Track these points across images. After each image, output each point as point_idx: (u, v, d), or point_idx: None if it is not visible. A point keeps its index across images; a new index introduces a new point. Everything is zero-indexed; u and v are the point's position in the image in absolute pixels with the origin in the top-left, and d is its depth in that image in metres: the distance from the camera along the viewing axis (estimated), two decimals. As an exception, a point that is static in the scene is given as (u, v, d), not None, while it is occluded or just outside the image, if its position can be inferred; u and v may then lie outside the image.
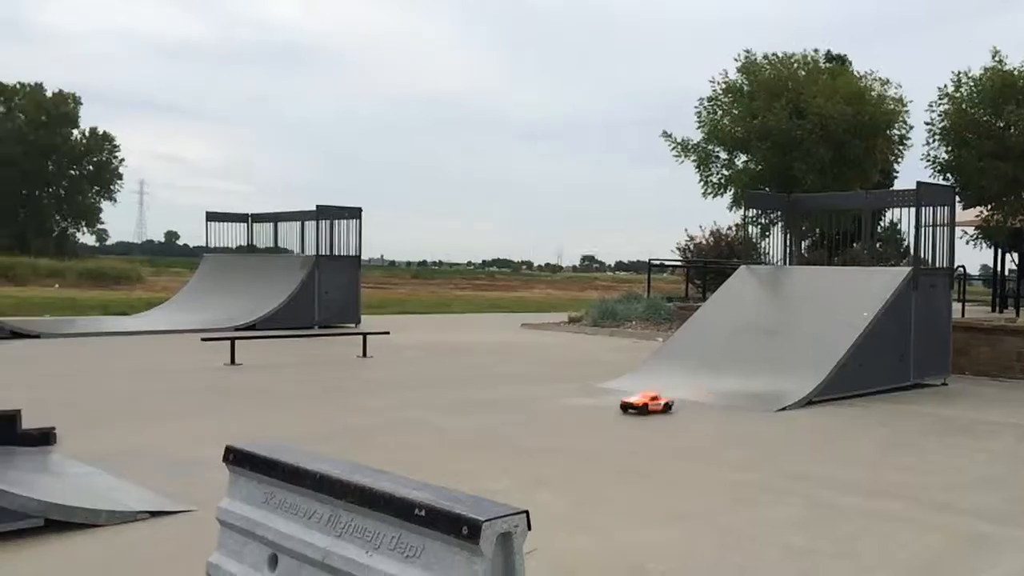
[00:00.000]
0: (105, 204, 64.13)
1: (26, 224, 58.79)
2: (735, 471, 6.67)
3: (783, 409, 9.57)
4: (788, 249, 14.30)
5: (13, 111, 59.52)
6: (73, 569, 4.26)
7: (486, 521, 2.10)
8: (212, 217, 22.56)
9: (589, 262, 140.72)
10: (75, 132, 61.25)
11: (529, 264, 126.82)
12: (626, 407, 8.96)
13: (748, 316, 12.18)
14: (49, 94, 60.45)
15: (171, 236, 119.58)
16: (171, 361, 12.83)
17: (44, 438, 6.65)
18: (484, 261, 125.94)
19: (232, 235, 22.74)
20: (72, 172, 61.34)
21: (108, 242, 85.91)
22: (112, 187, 63.78)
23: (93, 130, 62.20)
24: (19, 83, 60.19)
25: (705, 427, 8.60)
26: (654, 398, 9.04)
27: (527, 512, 2.21)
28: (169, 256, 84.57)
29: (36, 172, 58.85)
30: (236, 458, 2.87)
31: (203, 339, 13.19)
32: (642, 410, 8.87)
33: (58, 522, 4.71)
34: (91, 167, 62.10)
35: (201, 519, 4.99)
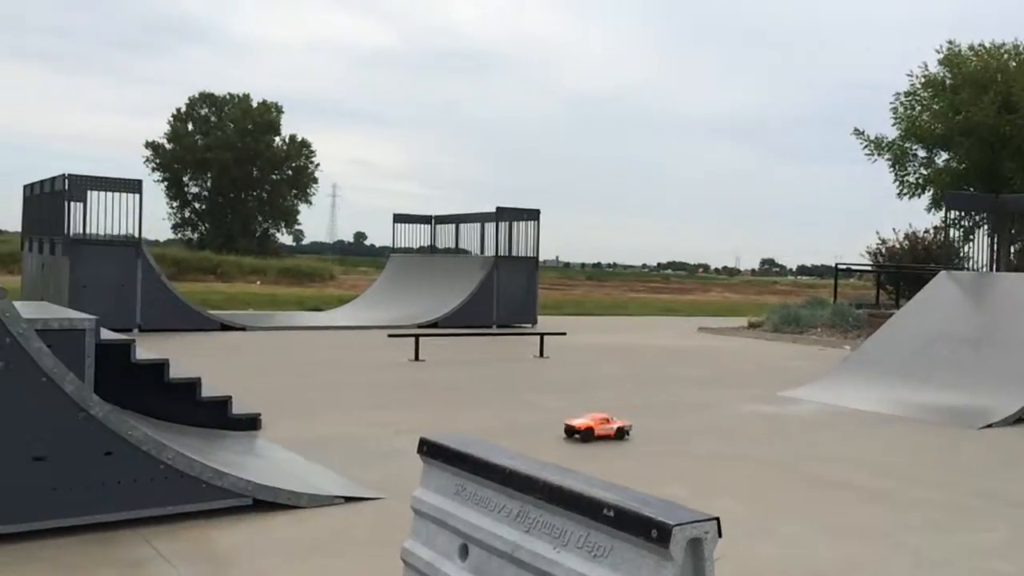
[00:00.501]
0: (302, 206, 68.42)
1: (233, 225, 63.65)
2: (931, 490, 6.26)
3: (988, 426, 8.88)
4: (995, 254, 13.25)
5: (224, 120, 64.62)
6: (278, 545, 4.59)
7: (676, 526, 2.10)
8: (399, 219, 23.58)
9: (769, 265, 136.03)
10: (277, 139, 65.70)
11: (706, 267, 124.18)
12: (570, 431, 7.50)
13: (948, 326, 11.39)
14: (255, 104, 65.18)
15: (359, 236, 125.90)
16: (360, 355, 13.52)
17: (251, 423, 7.20)
18: (659, 264, 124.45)
19: (416, 236, 23.69)
20: (274, 176, 65.80)
21: (303, 242, 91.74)
22: (308, 190, 67.95)
23: (292, 137, 66.50)
24: (229, 94, 65.31)
25: (898, 441, 8.12)
26: (605, 420, 7.59)
27: (718, 519, 2.18)
28: (357, 255, 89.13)
29: (243, 177, 63.60)
30: (429, 450, 3.00)
31: (389, 335, 13.82)
32: (587, 435, 7.42)
33: (263, 502, 5.09)
34: (290, 172, 66.38)
35: (390, 507, 5.26)
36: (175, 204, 64.67)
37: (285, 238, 74.47)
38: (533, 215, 20.43)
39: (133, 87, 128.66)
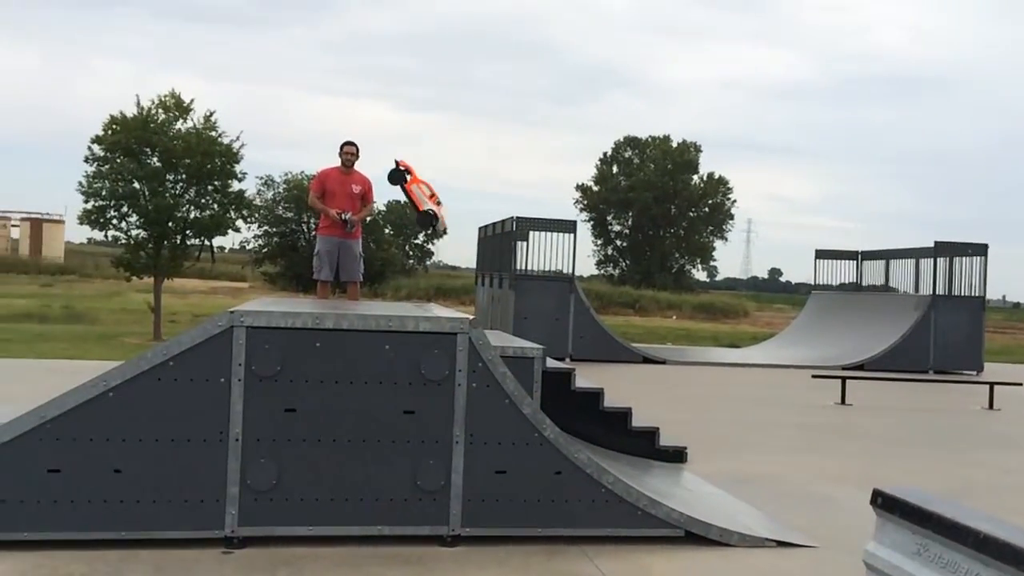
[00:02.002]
0: (717, 243, 68.81)
1: (651, 261, 65.99)
2: None
3: None
4: None
5: (645, 161, 67.56)
6: (709, 581, 4.64)
7: None
8: (821, 255, 22.61)
9: None
10: (695, 177, 66.99)
11: None
12: None
13: None
14: (675, 144, 67.22)
15: (774, 273, 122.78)
16: (781, 395, 13.16)
17: (677, 455, 7.38)
18: None
19: (839, 272, 22.50)
20: (691, 214, 67.11)
21: (717, 278, 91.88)
22: (724, 227, 68.19)
23: (710, 175, 67.35)
24: (650, 136, 68.18)
25: None
26: None
27: None
28: (772, 292, 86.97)
29: (662, 215, 65.77)
30: (884, 503, 2.84)
31: (813, 376, 13.26)
32: None
33: (693, 535, 5.18)
34: (707, 209, 67.18)
35: (824, 557, 5.04)
36: (599, 242, 68.83)
37: (700, 274, 75.28)
38: (980, 250, 18.33)
39: (566, 134, 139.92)
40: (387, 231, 55.07)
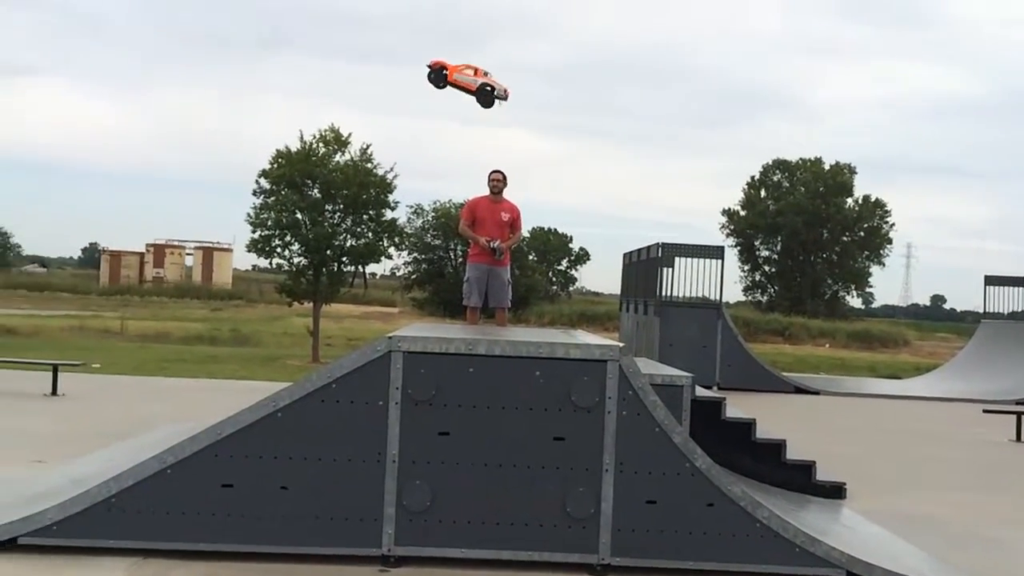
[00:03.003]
0: (874, 268, 65.63)
1: (802, 287, 63.65)
2: None
3: None
4: None
5: (795, 184, 65.42)
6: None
7: None
8: (991, 281, 21.18)
9: None
10: (849, 200, 64.27)
11: None
12: None
13: None
14: (827, 167, 64.80)
15: (937, 299, 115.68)
16: (948, 430, 12.39)
17: (835, 491, 7.07)
18: None
19: (1011, 299, 20.99)
20: (844, 238, 64.35)
21: (873, 305, 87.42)
22: (881, 251, 64.96)
23: (866, 198, 64.40)
24: (801, 158, 65.99)
25: None
26: None
27: None
28: (934, 320, 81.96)
29: (813, 240, 63.42)
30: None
31: (985, 410, 12.43)
32: None
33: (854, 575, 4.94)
34: (862, 233, 64.25)
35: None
36: (746, 267, 67.04)
37: (854, 301, 71.93)
38: None
39: (712, 159, 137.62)
40: (531, 257, 55.72)
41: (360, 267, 23.62)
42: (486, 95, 6.24)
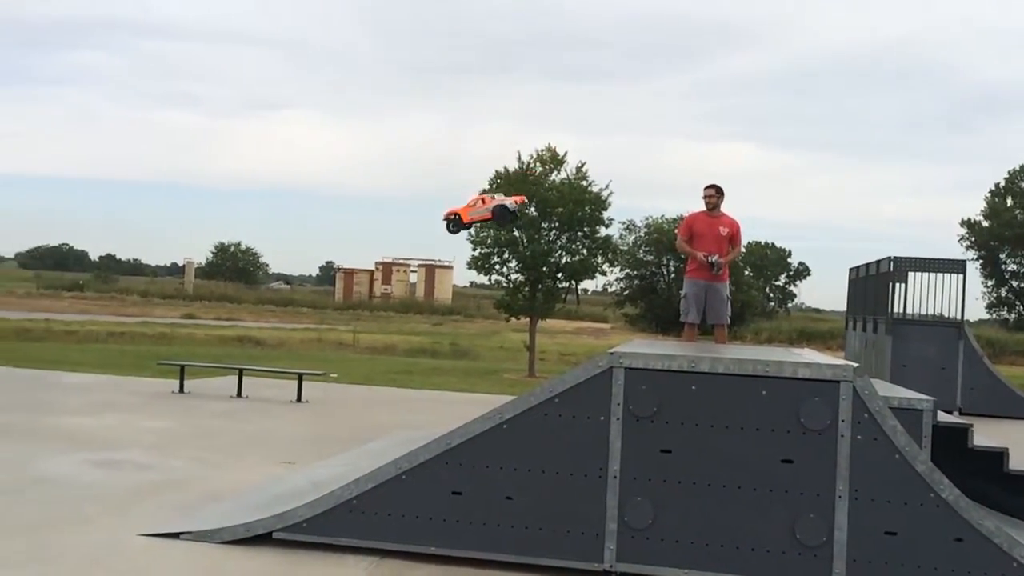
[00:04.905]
0: None
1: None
2: None
3: None
4: None
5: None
6: None
7: None
8: None
9: None
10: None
11: None
12: None
13: None
14: (1087, 169, 58.16)
15: None
16: None
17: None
18: None
19: None
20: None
21: None
22: None
23: None
24: (1055, 162, 59.64)
25: None
26: None
27: None
28: None
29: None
30: None
31: None
32: None
33: None
34: None
35: None
36: (990, 283, 61.38)
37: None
38: None
39: (947, 167, 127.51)
40: (747, 273, 54.05)
41: (574, 283, 23.83)
42: (504, 214, 6.39)
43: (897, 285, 16.05)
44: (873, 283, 17.38)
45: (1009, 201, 60.97)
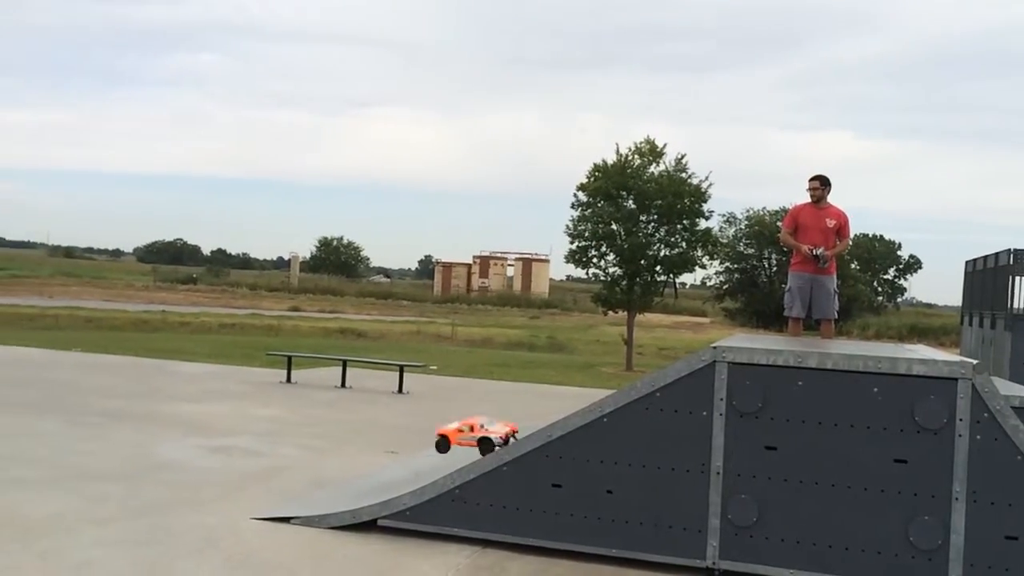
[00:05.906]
0: None
1: None
2: None
3: None
4: None
5: None
6: None
7: None
8: None
9: None
10: None
11: None
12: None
13: None
14: None
15: None
16: None
17: None
18: None
19: None
20: None
21: None
22: None
23: None
24: None
25: None
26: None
27: None
28: None
29: None
30: None
31: None
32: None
33: None
34: None
35: None
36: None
37: None
38: None
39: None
40: (853, 266, 52.33)
41: (672, 277, 23.50)
42: (487, 445, 6.99)
43: (1018, 279, 15.29)
44: (991, 276, 16.59)
45: None
